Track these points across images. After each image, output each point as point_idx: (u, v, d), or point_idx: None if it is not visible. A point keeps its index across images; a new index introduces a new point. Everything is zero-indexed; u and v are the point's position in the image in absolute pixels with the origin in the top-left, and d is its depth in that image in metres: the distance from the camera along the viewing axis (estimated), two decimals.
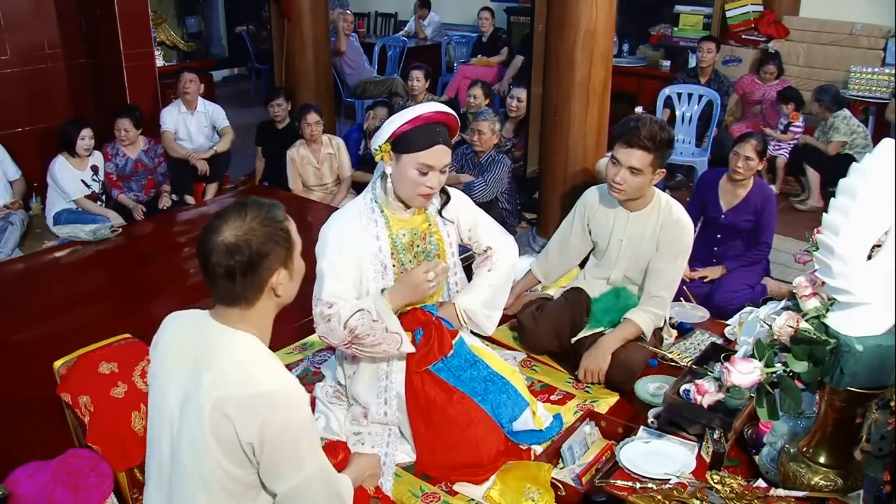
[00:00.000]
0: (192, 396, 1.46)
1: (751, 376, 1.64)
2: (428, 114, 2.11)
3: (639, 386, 2.47)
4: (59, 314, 3.12)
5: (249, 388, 1.42)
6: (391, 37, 8.70)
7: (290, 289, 1.56)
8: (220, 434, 1.41)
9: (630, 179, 2.54)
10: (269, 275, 1.48)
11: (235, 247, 1.43)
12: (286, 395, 1.45)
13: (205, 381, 1.44)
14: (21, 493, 1.82)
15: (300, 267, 1.57)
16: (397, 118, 2.11)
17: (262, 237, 1.45)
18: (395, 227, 2.23)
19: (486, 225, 2.46)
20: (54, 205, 4.55)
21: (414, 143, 2.10)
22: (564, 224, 2.89)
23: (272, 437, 1.41)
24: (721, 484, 1.70)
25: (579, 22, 3.95)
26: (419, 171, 2.11)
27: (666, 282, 2.64)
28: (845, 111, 5.11)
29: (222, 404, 1.41)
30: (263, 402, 1.41)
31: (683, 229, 2.64)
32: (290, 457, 1.46)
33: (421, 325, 2.25)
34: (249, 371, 1.45)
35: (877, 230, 1.51)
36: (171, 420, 1.51)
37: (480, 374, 2.29)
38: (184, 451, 1.48)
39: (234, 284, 1.45)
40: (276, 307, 1.56)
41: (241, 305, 1.49)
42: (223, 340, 1.49)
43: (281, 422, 1.42)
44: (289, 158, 4.89)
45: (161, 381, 1.56)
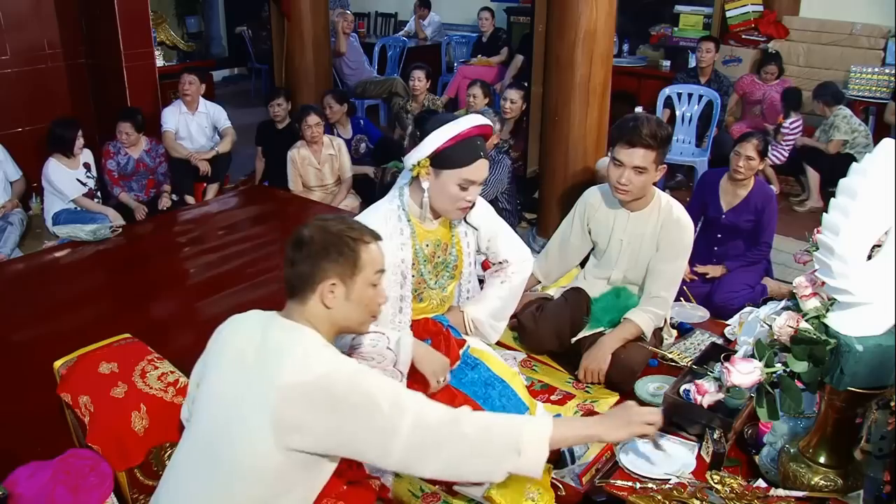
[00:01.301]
0: (254, 386, 1.47)
1: (751, 376, 1.64)
2: (469, 129, 2.07)
3: (639, 386, 2.47)
4: (59, 314, 3.12)
5: (311, 374, 1.45)
6: (391, 37, 8.70)
7: (348, 311, 1.59)
8: (283, 423, 1.43)
9: (635, 179, 2.54)
10: (321, 276, 1.54)
11: (303, 238, 1.56)
12: (344, 371, 1.48)
13: (267, 370, 1.47)
14: (21, 493, 1.82)
15: (365, 295, 1.60)
16: (438, 136, 2.04)
17: (327, 240, 1.55)
18: (421, 238, 2.21)
19: (505, 237, 2.43)
20: (53, 206, 4.55)
21: (456, 159, 2.06)
22: (564, 224, 2.89)
23: (342, 414, 1.43)
24: (721, 484, 1.70)
25: (579, 22, 3.95)
26: (461, 187, 2.09)
27: (666, 282, 2.65)
28: (846, 110, 5.11)
29: (287, 391, 1.43)
30: (325, 383, 1.44)
31: (684, 229, 2.64)
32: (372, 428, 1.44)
33: (430, 336, 2.25)
34: (309, 358, 1.48)
35: (877, 230, 1.51)
36: (219, 408, 1.52)
37: (481, 377, 2.29)
38: (227, 439, 1.49)
39: (292, 273, 1.56)
40: (330, 322, 1.58)
41: (296, 298, 1.57)
42: (289, 332, 1.54)
43: (345, 396, 1.44)
44: (290, 159, 4.89)
45: (216, 370, 1.58)
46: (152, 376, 2.04)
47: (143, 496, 2.02)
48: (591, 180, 4.09)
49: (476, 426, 1.49)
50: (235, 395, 1.50)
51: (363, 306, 1.61)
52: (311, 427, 1.44)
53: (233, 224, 4.20)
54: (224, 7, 9.36)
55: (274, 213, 4.48)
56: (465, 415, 1.53)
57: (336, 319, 1.58)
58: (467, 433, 1.47)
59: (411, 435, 1.45)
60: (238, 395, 1.50)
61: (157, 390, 2.02)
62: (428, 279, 2.23)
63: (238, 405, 1.49)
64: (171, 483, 1.61)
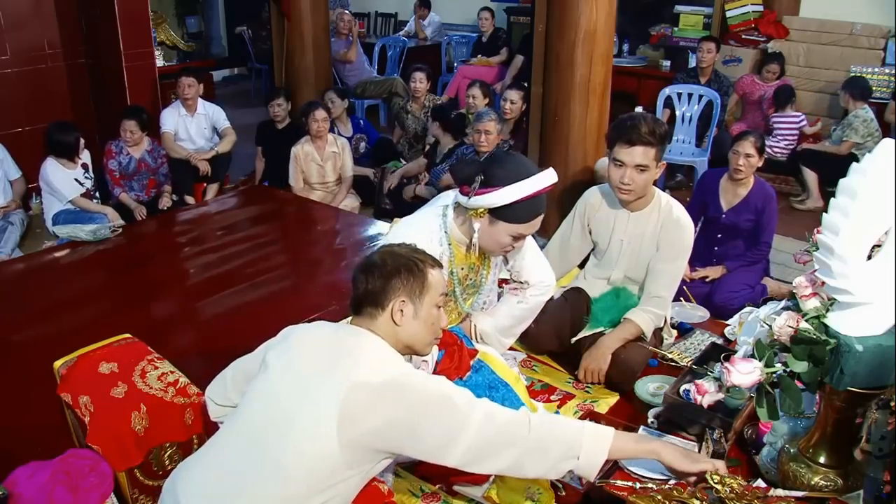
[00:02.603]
0: (324, 384, 1.52)
1: (751, 376, 1.64)
2: (541, 189, 2.03)
3: (639, 386, 2.47)
4: (59, 314, 3.12)
5: (382, 375, 1.52)
6: (391, 37, 8.70)
7: (416, 329, 1.66)
8: (351, 421, 1.47)
9: (637, 178, 2.53)
10: (391, 295, 1.63)
11: (374, 262, 1.67)
12: (414, 373, 1.56)
13: (339, 370, 1.53)
14: (21, 493, 1.82)
15: (432, 315, 1.68)
16: (512, 193, 2.00)
17: (397, 261, 1.66)
18: (458, 262, 2.23)
19: (532, 259, 2.43)
20: (52, 206, 4.54)
21: (518, 215, 2.05)
22: (564, 224, 2.89)
23: (412, 412, 1.49)
24: (721, 484, 1.69)
25: (579, 22, 3.95)
26: (514, 237, 2.10)
27: (666, 281, 2.64)
28: (869, 112, 5.14)
29: (358, 391, 1.49)
30: (395, 384, 1.51)
31: (683, 229, 2.64)
32: (441, 425, 1.51)
33: (444, 346, 2.25)
34: (380, 361, 1.57)
35: (877, 230, 1.51)
36: (280, 403, 1.55)
37: (485, 380, 2.29)
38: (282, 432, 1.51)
39: (361, 291, 1.65)
40: (397, 339, 1.65)
41: (365, 315, 1.65)
42: (359, 337, 1.62)
43: (414, 396, 1.51)
44: (293, 155, 4.90)
45: (282, 367, 1.61)
46: (152, 376, 2.04)
47: (143, 496, 2.02)
48: (591, 180, 4.09)
49: (540, 428, 1.56)
50: (301, 391, 1.54)
51: (429, 326, 1.69)
52: (379, 418, 1.49)
53: (233, 224, 4.21)
54: (224, 7, 9.36)
55: (274, 213, 4.48)
56: (531, 416, 1.59)
57: (403, 338, 1.66)
58: (531, 435, 1.55)
59: (480, 431, 1.52)
60: (305, 391, 1.54)
61: (157, 390, 2.02)
62: (459, 300, 2.26)
63: (302, 400, 1.53)
64: (202, 465, 1.61)
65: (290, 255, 3.81)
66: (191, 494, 1.56)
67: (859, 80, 5.29)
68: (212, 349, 2.65)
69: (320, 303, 3.13)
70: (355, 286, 1.68)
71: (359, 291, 1.67)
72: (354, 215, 4.63)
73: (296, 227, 4.34)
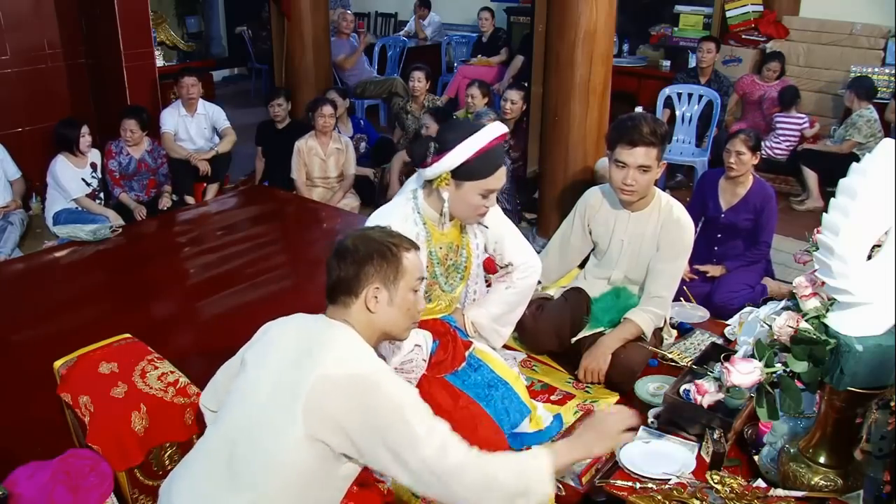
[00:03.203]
0: (292, 376, 1.50)
1: (751, 376, 1.64)
2: (491, 141, 2.07)
3: (639, 386, 2.47)
4: (59, 314, 3.12)
5: (350, 368, 1.48)
6: (391, 37, 8.70)
7: (391, 315, 1.62)
8: (314, 413, 1.44)
9: (640, 178, 2.53)
10: (365, 282, 1.58)
11: (346, 247, 1.61)
12: (385, 377, 1.51)
13: (308, 361, 1.50)
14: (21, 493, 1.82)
15: (407, 300, 1.64)
16: (462, 151, 2.04)
17: (370, 247, 1.60)
18: (435, 241, 2.22)
19: (512, 240, 2.43)
20: (54, 204, 4.55)
21: (478, 171, 2.07)
22: (564, 224, 2.89)
23: (373, 415, 1.45)
24: (721, 484, 1.70)
25: (579, 22, 3.95)
26: (482, 196, 2.11)
27: (666, 281, 2.64)
28: (873, 112, 5.14)
29: (323, 382, 1.46)
30: (363, 382, 1.47)
31: (684, 229, 2.64)
32: (399, 435, 1.45)
33: (438, 336, 2.26)
34: (350, 356, 1.52)
35: (877, 230, 1.51)
36: (261, 405, 1.52)
37: (484, 379, 2.29)
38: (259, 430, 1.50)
39: (336, 280, 1.60)
40: (373, 327, 1.61)
41: (339, 303, 1.61)
42: (332, 329, 1.58)
43: (379, 400, 1.46)
44: (296, 148, 4.92)
45: (260, 365, 1.59)
46: (152, 376, 2.04)
47: (143, 496, 2.02)
48: (591, 180, 4.09)
49: (486, 472, 1.49)
50: (274, 387, 1.52)
51: (405, 312, 1.65)
52: (340, 420, 1.45)
53: (233, 224, 4.21)
54: (224, 7, 9.35)
55: (274, 213, 4.48)
56: (481, 457, 1.52)
57: (379, 325, 1.62)
58: (477, 478, 1.48)
59: (430, 459, 1.45)
60: (277, 387, 1.52)
61: (157, 390, 2.02)
62: (441, 281, 2.25)
63: (275, 396, 1.51)
64: (191, 470, 1.61)
65: (290, 255, 3.81)
66: (185, 500, 1.55)
67: (864, 80, 5.30)
68: (212, 349, 2.65)
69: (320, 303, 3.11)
70: (328, 273, 1.63)
71: (331, 279, 1.62)
72: (354, 215, 4.63)
73: (296, 227, 4.34)
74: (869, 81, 5.29)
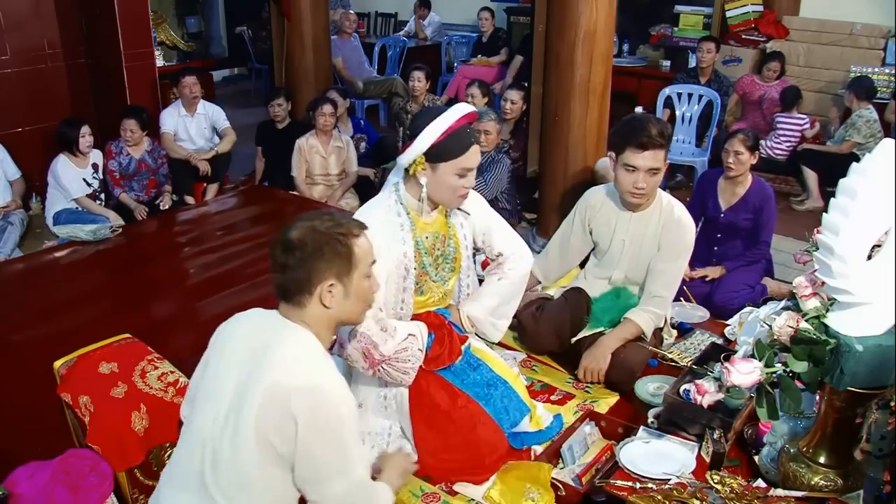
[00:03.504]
0: (247, 382, 1.48)
1: (751, 376, 1.64)
2: (457, 121, 2.10)
3: (639, 386, 2.47)
4: (59, 314, 3.12)
5: (300, 379, 1.45)
6: (391, 37, 8.70)
7: (348, 307, 1.58)
8: (266, 420, 1.43)
9: (650, 181, 2.54)
10: (318, 279, 1.52)
11: (293, 243, 1.52)
12: (335, 392, 1.47)
13: (261, 367, 1.47)
14: (21, 493, 1.82)
15: (362, 289, 1.60)
16: (429, 132, 2.08)
17: (320, 241, 1.52)
18: (420, 231, 2.23)
19: (500, 230, 2.44)
20: (54, 204, 4.55)
21: (450, 151, 2.10)
22: (565, 224, 2.89)
23: (319, 430, 1.43)
24: (721, 484, 1.70)
25: (579, 22, 3.95)
26: (458, 175, 2.12)
27: (666, 281, 2.64)
28: (873, 113, 5.14)
29: (273, 389, 1.43)
30: (311, 394, 1.43)
31: (685, 228, 2.64)
32: (337, 458, 1.46)
33: (434, 329, 2.26)
34: (303, 363, 1.48)
35: (877, 230, 1.51)
36: (220, 409, 1.51)
37: (483, 378, 2.29)
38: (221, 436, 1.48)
39: (284, 279, 1.53)
40: (330, 320, 1.58)
41: (292, 303, 1.55)
42: (285, 332, 1.53)
43: (326, 416, 1.43)
44: (297, 146, 4.94)
45: (216, 369, 1.57)
46: (152, 376, 2.05)
47: (143, 496, 2.03)
48: (591, 180, 4.09)
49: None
50: (232, 392, 1.50)
51: (361, 299, 1.62)
52: (283, 430, 1.43)
53: (233, 224, 4.21)
54: (224, 7, 9.35)
55: (274, 213, 4.48)
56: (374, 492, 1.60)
57: (335, 317, 1.59)
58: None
59: (353, 489, 1.49)
60: (234, 393, 1.50)
61: (157, 390, 2.02)
62: (430, 271, 2.25)
63: (231, 401, 1.49)
64: (170, 481, 1.61)
65: None
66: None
67: (864, 80, 5.29)
68: None
69: None
70: (275, 266, 1.54)
71: (281, 277, 1.54)
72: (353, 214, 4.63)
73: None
74: (869, 81, 5.29)
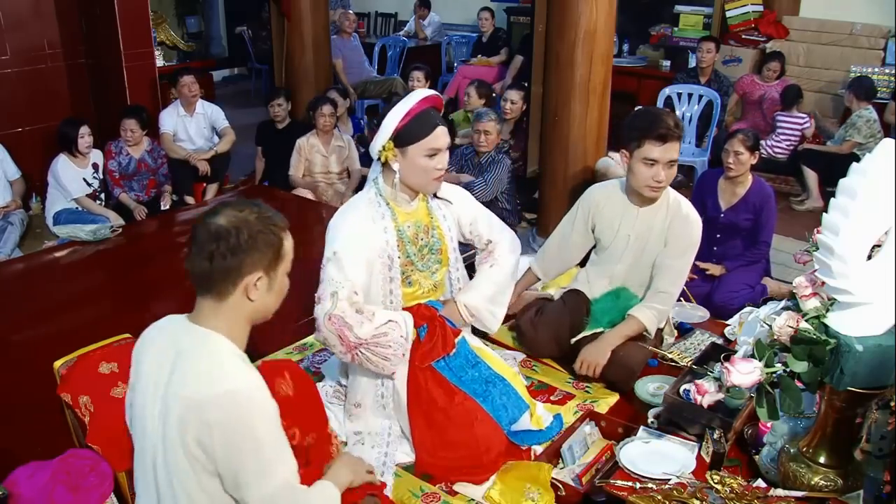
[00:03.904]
0: (165, 402, 1.44)
1: (751, 376, 1.64)
2: (417, 103, 2.16)
3: (639, 386, 2.47)
4: (59, 314, 3.12)
5: (214, 387, 1.39)
6: (391, 37, 8.70)
7: (268, 301, 1.54)
8: (186, 435, 1.39)
9: (668, 173, 2.52)
10: (247, 270, 1.46)
11: (225, 230, 1.44)
12: (246, 395, 1.42)
13: (172, 385, 1.43)
14: (21, 493, 1.82)
15: (283, 284, 1.56)
16: (392, 117, 2.14)
17: (252, 231, 1.46)
18: (402, 220, 2.25)
19: (486, 219, 2.48)
20: (54, 204, 4.55)
21: (415, 133, 2.14)
22: (565, 222, 2.87)
23: (232, 436, 1.39)
24: (721, 484, 1.70)
25: (579, 22, 3.95)
26: (428, 156, 2.16)
27: (672, 277, 2.62)
28: (872, 113, 5.15)
29: (186, 405, 1.39)
30: (225, 400, 1.39)
31: (692, 224, 2.62)
32: (253, 462, 1.42)
33: (425, 321, 2.26)
34: (215, 370, 1.43)
35: (877, 230, 1.51)
36: (154, 431, 1.48)
37: (482, 375, 2.29)
38: (160, 464, 1.46)
39: (211, 268, 1.44)
40: (248, 315, 1.53)
41: (213, 295, 1.48)
42: (194, 340, 1.48)
43: (237, 421, 1.39)
44: (297, 146, 4.95)
45: (141, 392, 1.52)
46: None
47: None
48: (592, 180, 4.10)
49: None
50: (158, 415, 1.47)
51: (280, 295, 1.57)
52: (203, 443, 1.41)
53: None
54: (224, 7, 9.36)
55: None
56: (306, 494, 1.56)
57: (253, 312, 1.53)
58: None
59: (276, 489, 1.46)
60: (159, 414, 1.47)
61: None
62: (415, 261, 2.26)
63: (158, 424, 1.47)
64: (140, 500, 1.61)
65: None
66: None
67: (864, 80, 5.31)
68: None
69: None
70: (199, 254, 1.45)
71: (207, 265, 1.45)
72: None
73: (296, 227, 4.32)
74: (868, 81, 5.30)
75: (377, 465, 2.16)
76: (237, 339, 1.52)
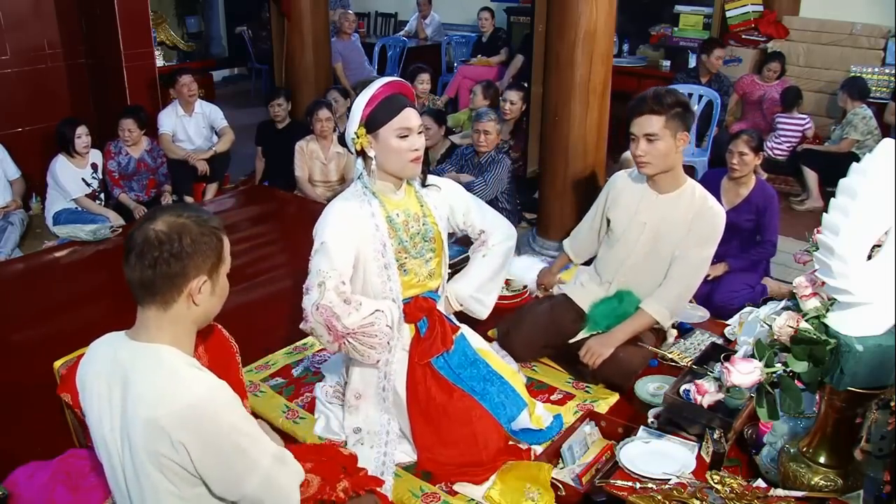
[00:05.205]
0: (125, 427, 1.42)
1: (751, 376, 1.64)
2: (381, 88, 2.18)
3: (639, 386, 2.47)
4: (59, 314, 3.13)
5: (176, 404, 1.37)
6: (391, 37, 8.70)
7: (211, 304, 1.53)
8: (157, 453, 1.38)
9: (649, 148, 2.50)
10: (192, 275, 1.45)
11: (166, 236, 1.41)
12: (210, 398, 1.41)
13: (128, 408, 1.41)
14: (21, 493, 1.82)
15: (224, 286, 1.56)
16: (358, 104, 2.17)
17: (194, 235, 1.44)
18: (390, 208, 2.25)
19: (479, 208, 2.50)
20: (54, 204, 4.55)
21: (383, 116, 2.16)
22: (594, 205, 2.88)
23: (209, 446, 1.39)
24: (721, 484, 1.70)
25: (579, 22, 3.95)
26: (400, 137, 2.16)
27: (690, 269, 2.58)
28: (867, 110, 5.16)
29: (148, 427, 1.37)
30: (190, 414, 1.37)
31: (717, 217, 2.59)
32: (238, 458, 1.43)
33: (424, 314, 2.27)
34: (170, 386, 1.40)
35: (877, 230, 1.51)
36: (116, 451, 1.47)
37: (480, 374, 2.30)
38: (132, 481, 1.45)
39: (155, 275, 1.41)
40: (193, 320, 1.51)
41: (157, 304, 1.45)
42: (143, 357, 1.45)
43: (207, 429, 1.39)
44: (297, 149, 4.93)
45: (95, 414, 1.50)
46: None
47: None
48: (592, 180, 4.10)
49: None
50: (119, 441, 1.45)
51: (222, 297, 1.57)
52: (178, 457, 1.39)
53: (233, 224, 4.21)
54: (224, 7, 9.36)
55: (274, 213, 4.48)
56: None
57: (197, 316, 1.51)
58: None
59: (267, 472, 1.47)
60: (120, 440, 1.45)
61: None
62: (408, 248, 2.25)
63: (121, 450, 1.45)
64: None
65: (290, 255, 3.80)
66: None
67: (857, 80, 5.32)
68: None
69: None
70: (141, 261, 1.41)
71: (149, 272, 1.41)
72: None
73: (296, 227, 4.34)
74: (862, 81, 5.31)
75: (377, 465, 2.16)
76: (184, 346, 1.49)
